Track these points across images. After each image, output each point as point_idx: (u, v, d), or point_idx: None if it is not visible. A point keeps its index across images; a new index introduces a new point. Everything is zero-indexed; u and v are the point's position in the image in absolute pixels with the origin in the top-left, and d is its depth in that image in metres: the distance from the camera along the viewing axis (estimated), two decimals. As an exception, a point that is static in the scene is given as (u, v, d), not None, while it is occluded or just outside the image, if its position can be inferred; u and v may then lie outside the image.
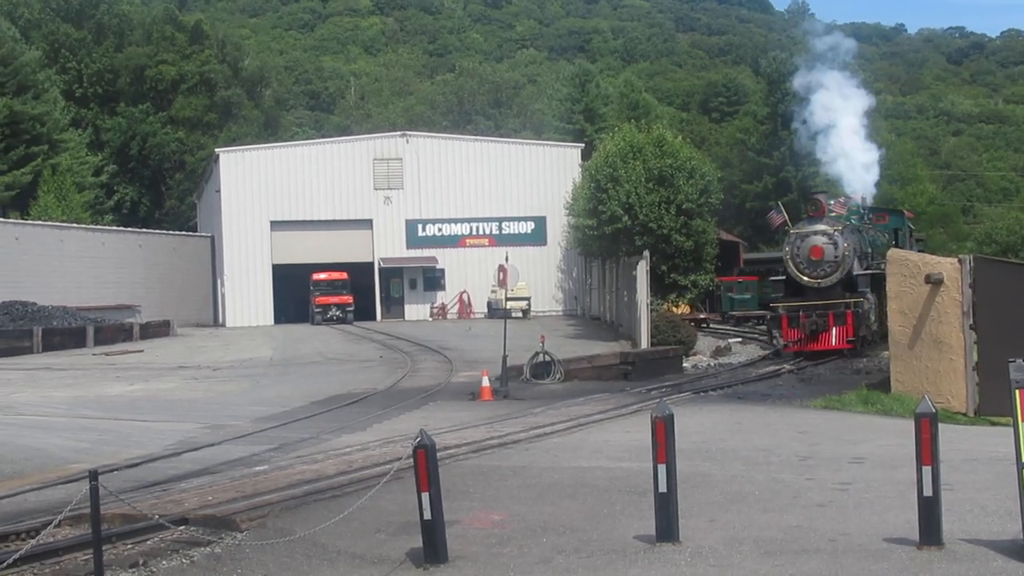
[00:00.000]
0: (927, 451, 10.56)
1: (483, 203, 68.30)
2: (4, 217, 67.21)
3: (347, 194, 67.24)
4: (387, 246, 67.61)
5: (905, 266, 24.21)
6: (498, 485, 14.70)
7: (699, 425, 20.42)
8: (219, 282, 68.94)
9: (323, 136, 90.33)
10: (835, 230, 38.30)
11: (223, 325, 66.24)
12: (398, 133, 71.64)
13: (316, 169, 67.40)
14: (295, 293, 67.24)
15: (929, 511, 10.63)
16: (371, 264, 67.61)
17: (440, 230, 68.20)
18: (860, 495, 13.39)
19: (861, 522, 11.89)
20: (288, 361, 41.70)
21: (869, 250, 40.32)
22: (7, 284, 53.36)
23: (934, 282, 23.40)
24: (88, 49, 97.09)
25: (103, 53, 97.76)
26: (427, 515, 10.55)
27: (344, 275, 65.18)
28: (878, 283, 38.02)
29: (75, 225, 65.71)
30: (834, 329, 37.23)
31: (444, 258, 67.72)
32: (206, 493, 14.40)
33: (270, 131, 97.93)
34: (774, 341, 39.90)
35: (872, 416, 22.23)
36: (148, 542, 12.18)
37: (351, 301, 64.31)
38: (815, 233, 38.33)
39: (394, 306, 68.11)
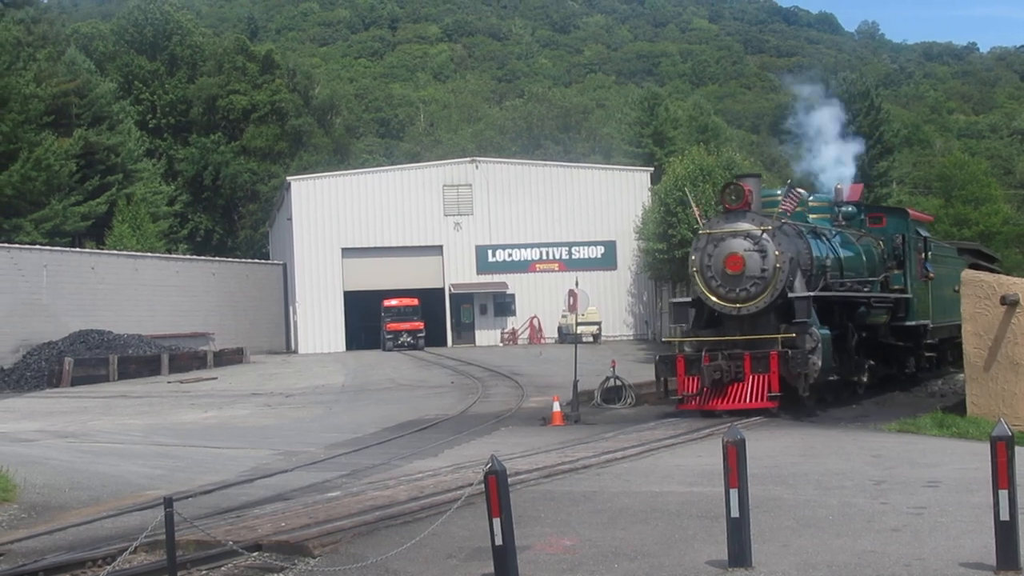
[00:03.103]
0: (1004, 474, 10.45)
1: (553, 228, 68.31)
2: (80, 247, 68.20)
3: (417, 220, 67.47)
4: (457, 272, 67.78)
5: (980, 287, 23.98)
6: (569, 510, 14.66)
7: (771, 449, 20.26)
8: (291, 309, 69.38)
9: (393, 163, 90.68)
10: (763, 231, 26.69)
11: (295, 352, 66.65)
12: (467, 159, 71.79)
13: (386, 196, 67.68)
14: (366, 319, 67.60)
15: (1006, 535, 10.51)
16: (442, 290, 67.83)
17: (510, 255, 68.24)
18: (935, 519, 13.23)
19: (936, 547, 11.75)
20: (360, 387, 41.88)
21: (827, 263, 29.14)
22: (84, 313, 54.07)
23: (1010, 303, 23.16)
24: (161, 80, 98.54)
25: (176, 84, 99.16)
26: (498, 541, 10.54)
27: (415, 301, 65.43)
28: (848, 310, 30.07)
29: (149, 254, 66.35)
30: (751, 378, 26.03)
31: (514, 283, 67.77)
32: (279, 519, 14.49)
33: (340, 159, 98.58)
34: (664, 393, 28.21)
35: (947, 439, 21.94)
36: (222, 568, 12.29)
37: (422, 327, 64.51)
38: (734, 235, 26.93)
39: (465, 332, 68.19)
